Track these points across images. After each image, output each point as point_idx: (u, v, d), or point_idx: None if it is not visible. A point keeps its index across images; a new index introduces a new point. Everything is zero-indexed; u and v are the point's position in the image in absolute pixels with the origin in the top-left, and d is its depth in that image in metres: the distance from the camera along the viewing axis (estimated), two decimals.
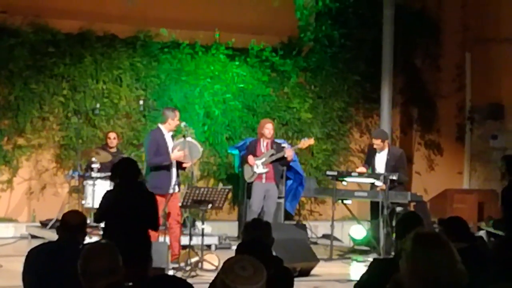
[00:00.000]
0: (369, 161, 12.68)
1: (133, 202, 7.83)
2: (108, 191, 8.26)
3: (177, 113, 10.98)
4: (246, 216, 12.69)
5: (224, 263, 3.82)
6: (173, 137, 11.00)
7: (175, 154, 10.63)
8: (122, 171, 8.00)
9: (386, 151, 12.48)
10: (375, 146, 12.52)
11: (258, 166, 12.40)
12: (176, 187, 10.59)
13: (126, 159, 8.71)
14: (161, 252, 9.20)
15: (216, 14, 14.72)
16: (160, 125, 10.97)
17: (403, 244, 4.07)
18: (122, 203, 7.82)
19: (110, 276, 4.38)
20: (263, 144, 12.56)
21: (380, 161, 12.45)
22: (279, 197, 13.59)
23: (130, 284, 4.56)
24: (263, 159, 12.42)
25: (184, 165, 10.84)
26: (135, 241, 7.63)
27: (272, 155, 12.41)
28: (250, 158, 12.44)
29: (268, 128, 12.55)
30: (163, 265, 9.22)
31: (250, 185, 12.61)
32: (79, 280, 4.44)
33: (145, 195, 8.07)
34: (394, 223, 11.03)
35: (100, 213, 8.11)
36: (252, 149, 12.58)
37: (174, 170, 10.69)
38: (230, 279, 3.67)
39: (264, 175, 12.43)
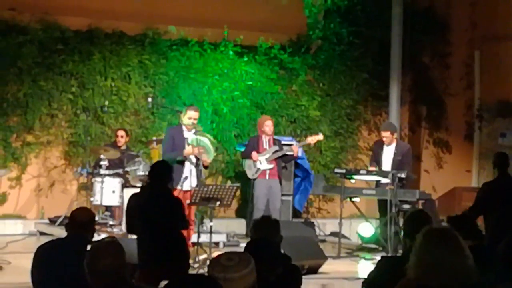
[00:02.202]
0: (376, 159, 12.65)
1: (158, 205, 7.81)
2: (131, 196, 8.21)
3: (189, 111, 10.93)
4: (250, 214, 12.67)
5: (212, 259, 3.95)
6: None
7: (187, 150, 10.65)
8: (152, 173, 8.00)
9: (393, 145, 12.45)
10: (384, 139, 12.47)
11: (262, 162, 12.36)
12: (185, 184, 10.59)
13: (159, 162, 8.76)
14: None
15: (225, 12, 14.72)
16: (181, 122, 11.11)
17: (415, 239, 4.09)
18: (148, 206, 7.80)
19: (116, 273, 4.39)
20: (265, 141, 12.52)
21: (387, 156, 12.41)
22: (287, 195, 13.58)
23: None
24: (267, 155, 12.38)
25: (205, 163, 10.86)
26: (168, 242, 7.63)
27: (276, 151, 12.39)
28: (254, 154, 12.38)
29: (268, 125, 12.50)
30: None
31: (253, 182, 12.57)
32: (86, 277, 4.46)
33: (169, 198, 8.07)
34: (402, 221, 11.02)
35: (128, 221, 8.10)
36: (253, 146, 12.51)
37: (188, 166, 10.69)
38: (217, 270, 3.82)
39: (267, 172, 12.40)
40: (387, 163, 12.37)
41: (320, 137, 12.78)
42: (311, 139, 12.72)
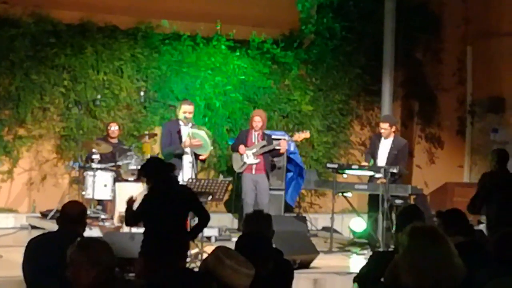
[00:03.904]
0: (371, 151, 12.58)
1: (174, 200, 7.72)
2: (145, 196, 7.92)
3: (183, 105, 11.13)
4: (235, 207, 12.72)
5: (223, 250, 3.96)
6: None
7: (186, 142, 10.71)
8: (151, 171, 7.85)
9: (391, 139, 12.39)
10: (381, 131, 12.41)
11: (249, 156, 12.37)
12: (179, 177, 10.61)
13: (150, 159, 8.63)
14: None
15: (217, 6, 14.69)
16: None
17: (400, 238, 4.07)
18: (163, 203, 7.67)
19: (97, 267, 4.37)
20: (255, 135, 12.54)
21: (384, 149, 12.35)
22: (279, 189, 13.59)
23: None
24: (254, 150, 12.39)
25: (201, 157, 10.91)
26: (176, 234, 7.60)
27: (264, 146, 12.40)
28: (241, 147, 12.41)
29: (255, 121, 12.55)
30: None
31: (240, 175, 12.61)
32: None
33: (181, 189, 8.00)
34: (394, 216, 11.04)
35: (134, 215, 7.92)
36: (242, 139, 12.55)
37: (187, 160, 10.73)
38: (223, 252, 3.83)
39: (254, 166, 12.41)
40: (382, 157, 12.34)
41: (307, 135, 12.81)
42: (297, 136, 12.74)
